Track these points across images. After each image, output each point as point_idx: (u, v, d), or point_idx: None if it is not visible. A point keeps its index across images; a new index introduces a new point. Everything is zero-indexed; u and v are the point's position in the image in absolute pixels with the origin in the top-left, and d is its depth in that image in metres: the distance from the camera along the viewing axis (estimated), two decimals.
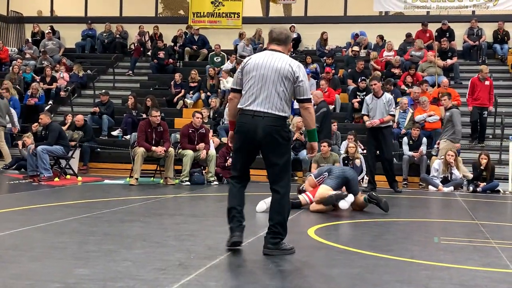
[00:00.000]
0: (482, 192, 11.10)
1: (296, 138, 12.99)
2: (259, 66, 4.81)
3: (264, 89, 4.75)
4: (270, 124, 4.70)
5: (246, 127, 4.76)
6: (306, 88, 4.81)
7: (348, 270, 4.28)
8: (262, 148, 4.80)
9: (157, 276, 3.87)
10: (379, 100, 10.55)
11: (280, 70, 4.76)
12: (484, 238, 5.90)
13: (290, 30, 18.93)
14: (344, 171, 7.90)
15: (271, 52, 4.91)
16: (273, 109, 4.72)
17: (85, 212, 6.89)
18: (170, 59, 18.29)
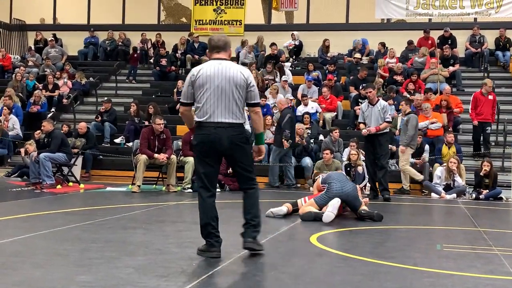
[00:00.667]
0: (484, 200, 11.08)
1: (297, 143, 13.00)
2: (212, 78, 4.88)
3: (222, 100, 4.85)
4: (233, 134, 4.89)
5: (210, 138, 4.87)
6: (257, 93, 5.01)
7: (350, 277, 4.28)
8: (227, 156, 5.01)
9: (159, 283, 3.87)
10: (374, 107, 10.55)
11: (233, 78, 4.89)
12: (487, 246, 5.89)
13: (292, 37, 19.04)
14: (342, 191, 7.51)
15: (218, 62, 4.98)
16: (233, 118, 4.89)
17: (88, 219, 6.89)
18: (172, 67, 18.33)
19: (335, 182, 7.63)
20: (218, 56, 5.03)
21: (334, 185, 7.59)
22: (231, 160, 5.06)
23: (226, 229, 6.65)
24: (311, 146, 13.33)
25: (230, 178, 11.48)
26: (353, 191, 7.65)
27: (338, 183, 7.60)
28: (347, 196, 7.53)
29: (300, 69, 18.11)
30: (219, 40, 5.10)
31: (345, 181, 7.77)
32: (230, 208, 8.93)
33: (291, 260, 4.89)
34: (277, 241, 5.84)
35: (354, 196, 7.65)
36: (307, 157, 13.02)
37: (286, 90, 15.84)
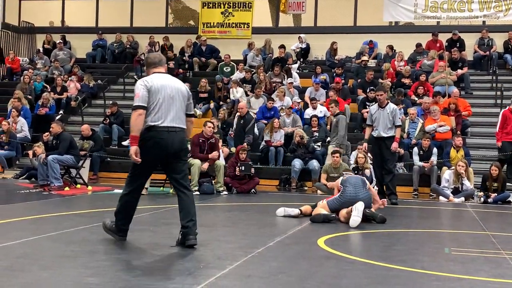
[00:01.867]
0: (493, 203, 11.03)
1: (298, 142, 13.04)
2: (164, 87, 5.43)
3: (173, 107, 5.42)
4: (183, 137, 5.51)
5: (164, 142, 5.35)
6: (193, 105, 5.82)
7: (357, 281, 4.26)
8: (173, 156, 5.47)
9: (167, 285, 3.87)
10: (383, 110, 10.51)
11: (180, 89, 5.54)
12: (495, 249, 5.85)
13: (299, 40, 19.03)
14: (356, 197, 7.51)
15: (164, 75, 5.59)
16: (182, 123, 5.50)
17: (95, 221, 6.90)
18: (180, 69, 18.37)
19: (350, 187, 7.65)
20: (158, 70, 5.60)
21: (348, 189, 7.62)
22: (176, 159, 5.50)
23: (233, 232, 6.66)
24: (312, 146, 13.28)
25: (237, 181, 11.48)
26: (366, 199, 7.61)
27: (353, 188, 7.62)
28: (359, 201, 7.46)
29: (307, 72, 18.10)
30: (155, 57, 5.72)
31: (361, 188, 7.73)
32: (238, 211, 8.95)
33: (298, 263, 4.87)
34: (284, 244, 5.83)
35: (367, 204, 7.59)
36: (314, 160, 13.00)
37: (292, 93, 15.84)
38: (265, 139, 13.94)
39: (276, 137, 13.83)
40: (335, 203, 7.55)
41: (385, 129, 10.41)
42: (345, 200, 7.52)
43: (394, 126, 10.44)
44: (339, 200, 7.56)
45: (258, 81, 16.41)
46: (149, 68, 5.66)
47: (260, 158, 13.72)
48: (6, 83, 19.15)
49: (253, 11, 20.23)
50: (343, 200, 7.53)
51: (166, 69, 5.76)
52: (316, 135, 14.01)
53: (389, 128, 10.42)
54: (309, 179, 13.11)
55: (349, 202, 7.48)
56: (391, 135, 10.44)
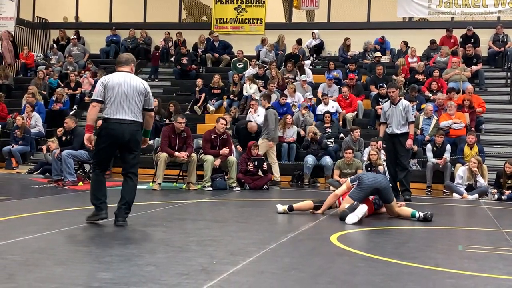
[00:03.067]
0: (507, 200, 10.95)
1: (311, 139, 13.00)
2: (120, 84, 6.20)
3: (126, 102, 6.17)
4: (133, 129, 6.24)
5: (115, 132, 6.18)
6: (152, 101, 6.51)
7: (371, 278, 4.25)
8: (125, 146, 6.27)
9: (180, 281, 3.88)
10: (396, 107, 10.46)
11: (136, 87, 6.26)
12: (509, 247, 5.82)
13: (313, 36, 19.00)
14: (375, 181, 7.52)
15: (124, 73, 6.35)
16: (134, 117, 6.23)
17: (109, 216, 6.93)
18: (193, 65, 18.39)
19: (367, 175, 7.73)
20: (122, 69, 6.40)
21: (366, 176, 7.63)
22: (127, 149, 6.29)
23: (246, 227, 6.67)
24: (325, 142, 13.25)
25: (250, 176, 11.50)
26: (385, 181, 7.67)
27: (370, 175, 7.71)
28: (380, 185, 7.51)
29: (320, 68, 18.05)
30: (122, 57, 6.56)
31: (376, 174, 7.88)
32: (250, 207, 8.96)
33: (311, 260, 4.87)
34: (297, 240, 5.83)
35: (387, 187, 7.64)
36: (327, 156, 12.99)
37: (306, 89, 15.80)
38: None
39: (289, 133, 13.82)
40: (358, 193, 7.48)
41: (398, 125, 10.37)
42: (366, 186, 7.46)
43: (407, 122, 10.39)
44: (360, 190, 7.49)
45: (271, 77, 16.40)
46: (117, 66, 6.51)
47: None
48: (20, 79, 19.27)
49: (266, 6, 20.20)
50: (364, 187, 7.47)
51: (132, 68, 6.47)
52: (329, 131, 13.98)
53: (402, 124, 10.37)
54: (322, 175, 13.09)
55: (370, 187, 7.46)
56: (405, 132, 10.39)
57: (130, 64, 6.44)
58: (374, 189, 7.53)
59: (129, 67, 6.42)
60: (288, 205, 7.86)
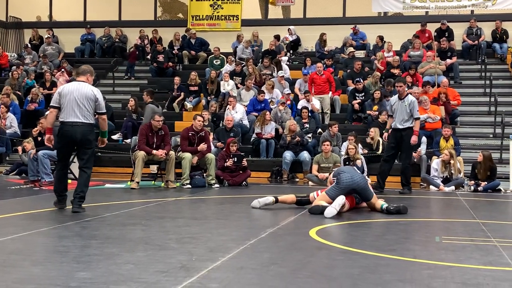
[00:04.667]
0: (483, 191, 11.11)
1: (290, 139, 13.03)
2: (72, 92, 7.28)
3: (77, 107, 7.22)
4: (84, 130, 7.25)
5: (68, 133, 7.24)
6: (103, 105, 7.43)
7: (349, 270, 4.29)
8: (78, 145, 7.34)
9: (159, 278, 3.88)
10: (402, 102, 10.57)
11: (86, 94, 7.28)
12: (486, 237, 5.90)
13: (289, 32, 19.04)
14: (353, 181, 7.61)
15: (77, 83, 7.47)
16: (86, 120, 7.25)
17: (87, 216, 6.90)
18: (170, 63, 18.31)
19: (345, 173, 7.74)
20: (79, 78, 7.53)
21: (343, 176, 7.68)
22: (81, 147, 7.34)
23: (226, 224, 6.68)
24: (306, 140, 13.33)
25: (228, 173, 11.50)
26: (362, 181, 7.74)
27: (348, 174, 7.72)
28: (357, 186, 7.62)
29: (297, 63, 18.10)
30: (80, 68, 7.68)
31: (355, 172, 7.88)
32: (230, 203, 8.96)
33: (290, 254, 4.90)
34: (276, 235, 5.85)
35: (364, 187, 7.73)
36: (305, 152, 13.03)
37: (283, 85, 15.83)
38: (256, 131, 13.94)
39: (267, 129, 13.84)
40: (334, 191, 7.56)
41: (402, 121, 10.51)
42: (343, 186, 7.56)
43: (411, 118, 10.46)
44: (337, 188, 7.58)
45: (248, 73, 16.40)
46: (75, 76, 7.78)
47: (251, 151, 13.73)
48: None
49: (242, 3, 20.20)
50: (341, 186, 7.57)
51: (88, 77, 7.51)
52: (306, 126, 14.03)
53: (406, 120, 10.49)
54: (300, 171, 13.14)
55: (347, 188, 7.56)
56: (407, 127, 10.50)
57: (86, 74, 7.50)
58: (351, 190, 7.64)
59: (84, 77, 7.48)
60: (274, 196, 7.92)
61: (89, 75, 7.53)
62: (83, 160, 7.39)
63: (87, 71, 7.54)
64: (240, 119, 14.37)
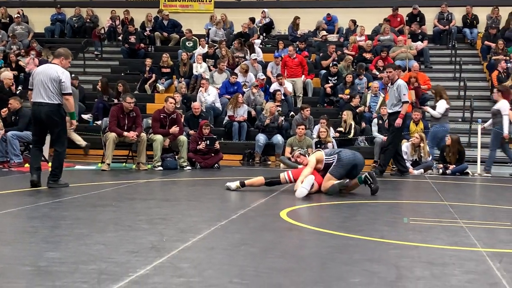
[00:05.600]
0: (451, 174, 11.30)
1: (269, 122, 13.04)
2: (39, 74, 7.64)
3: (42, 88, 7.54)
4: (48, 110, 7.55)
5: (34, 112, 7.67)
6: (66, 86, 7.61)
7: (319, 250, 4.34)
8: (45, 125, 7.65)
9: (130, 258, 3.88)
10: (392, 87, 10.66)
11: (51, 75, 7.56)
12: (452, 218, 6.01)
13: (262, 15, 18.97)
14: (355, 157, 7.73)
15: (48, 65, 7.97)
16: (50, 100, 7.54)
17: (56, 197, 6.85)
18: (141, 44, 18.12)
19: (345, 151, 7.85)
20: (53, 61, 7.87)
21: (345, 152, 7.77)
22: (49, 127, 7.72)
23: (197, 206, 6.69)
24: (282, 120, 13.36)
25: (200, 156, 11.49)
26: (363, 159, 7.97)
27: (349, 151, 7.87)
28: (359, 162, 7.79)
29: (270, 46, 18.07)
30: (57, 51, 8.04)
31: (353, 151, 8.08)
32: (201, 186, 8.97)
33: (261, 235, 4.93)
34: (247, 216, 5.88)
35: (363, 162, 7.96)
36: (278, 135, 13.07)
37: (256, 68, 15.81)
38: (228, 114, 13.92)
39: (239, 112, 13.83)
40: (338, 170, 7.62)
41: (392, 105, 10.61)
42: (345, 163, 7.64)
43: (400, 102, 10.52)
44: (341, 166, 7.63)
45: (221, 56, 16.33)
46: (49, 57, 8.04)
47: (223, 133, 13.72)
48: None
49: None
50: (343, 164, 7.63)
51: (62, 60, 7.77)
52: (279, 109, 14.05)
53: (395, 104, 10.60)
54: (272, 154, 13.19)
55: (349, 164, 7.67)
56: (396, 111, 10.57)
57: (60, 57, 7.78)
58: (353, 165, 7.71)
59: (58, 60, 7.77)
60: (240, 181, 7.93)
61: (63, 58, 7.77)
62: (52, 140, 7.90)
63: (62, 54, 7.80)
64: (213, 101, 14.32)
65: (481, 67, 16.90)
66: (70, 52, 8.16)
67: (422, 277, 3.62)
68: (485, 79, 16.36)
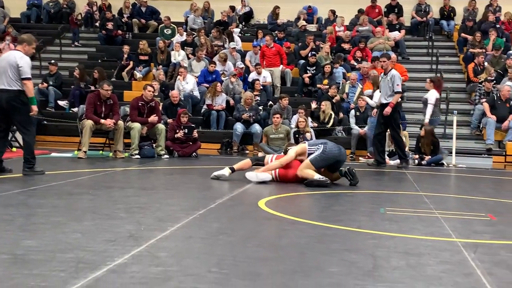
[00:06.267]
0: (427, 165, 11.42)
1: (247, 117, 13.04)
2: (2, 61, 7.68)
3: (4, 74, 7.53)
4: (8, 96, 7.54)
5: None
6: (24, 71, 7.55)
7: (297, 240, 4.37)
8: (7, 111, 7.60)
9: (107, 247, 3.86)
10: (386, 77, 10.60)
11: (9, 61, 7.57)
12: (428, 209, 6.08)
13: (242, 3, 18.91)
14: (340, 153, 7.68)
15: (10, 51, 8.04)
16: (10, 86, 7.54)
17: (32, 184, 6.78)
18: (119, 31, 17.94)
19: (331, 144, 7.74)
20: (17, 48, 7.88)
21: (330, 145, 7.68)
22: (11, 115, 7.66)
23: (175, 194, 6.68)
24: (260, 109, 13.37)
25: (178, 144, 11.45)
26: (345, 155, 8.02)
27: (336, 145, 7.80)
28: (342, 158, 7.78)
29: (249, 35, 18.03)
30: (20, 37, 8.13)
31: (340, 146, 7.97)
32: (179, 174, 8.95)
33: (239, 224, 4.95)
34: (226, 205, 5.89)
35: (345, 160, 7.97)
36: (256, 124, 13.08)
37: (234, 57, 15.77)
38: (206, 103, 13.88)
39: (218, 101, 13.80)
40: (319, 162, 7.58)
41: (385, 95, 10.55)
42: (331, 156, 7.62)
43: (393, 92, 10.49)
44: (324, 158, 7.59)
45: (200, 44, 16.25)
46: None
47: (201, 122, 13.68)
48: None
49: None
50: (329, 157, 7.61)
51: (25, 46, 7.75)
52: (258, 99, 14.05)
53: (389, 95, 10.52)
54: (250, 143, 13.19)
55: (333, 158, 7.64)
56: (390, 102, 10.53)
57: (22, 43, 7.77)
58: (336, 161, 7.70)
59: (21, 46, 7.77)
60: (230, 167, 7.92)
61: (26, 44, 7.77)
62: (17, 127, 8.02)
63: (24, 40, 7.82)
64: (191, 90, 14.26)
65: (457, 59, 17.07)
66: (33, 38, 8.08)
67: (398, 267, 3.67)
68: (461, 71, 16.53)
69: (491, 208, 6.46)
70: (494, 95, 13.50)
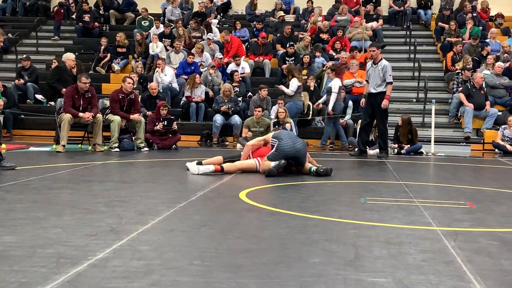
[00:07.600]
0: (406, 154, 11.51)
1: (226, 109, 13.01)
2: None
3: None
4: None
5: None
6: None
7: (278, 231, 4.38)
8: None
9: (88, 242, 3.83)
10: (376, 66, 10.57)
11: None
12: (408, 198, 6.13)
13: None
14: (294, 150, 7.58)
15: None
16: None
17: (11, 179, 6.70)
18: (96, 23, 17.76)
19: (286, 139, 7.67)
20: None
21: (284, 142, 7.62)
22: None
23: (155, 187, 6.65)
24: (238, 106, 13.35)
25: (158, 137, 11.39)
26: (303, 148, 7.76)
27: (289, 140, 7.67)
28: (297, 152, 7.64)
29: (227, 26, 17.97)
30: None
31: (296, 138, 7.88)
32: (159, 167, 8.91)
33: (220, 216, 4.94)
34: (207, 198, 5.88)
35: (304, 154, 7.77)
36: (236, 116, 13.07)
37: (212, 48, 15.70)
38: (185, 94, 13.83)
39: (197, 92, 13.75)
40: (275, 158, 7.57)
41: (375, 85, 10.51)
42: (283, 153, 7.57)
43: (385, 82, 10.47)
44: (277, 154, 7.59)
45: (177, 35, 16.16)
46: None
47: (181, 114, 13.63)
48: None
49: None
50: (281, 153, 7.58)
51: None
52: (237, 90, 14.03)
53: (379, 84, 10.48)
54: (230, 134, 13.18)
55: (287, 155, 7.58)
56: (380, 91, 10.47)
57: None
58: (292, 157, 7.66)
59: None
60: (197, 161, 7.90)
61: None
62: None
63: None
64: (170, 82, 14.19)
65: (435, 48, 17.20)
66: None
67: (379, 256, 3.69)
68: (439, 60, 16.67)
69: (470, 196, 6.53)
70: (468, 84, 13.63)
